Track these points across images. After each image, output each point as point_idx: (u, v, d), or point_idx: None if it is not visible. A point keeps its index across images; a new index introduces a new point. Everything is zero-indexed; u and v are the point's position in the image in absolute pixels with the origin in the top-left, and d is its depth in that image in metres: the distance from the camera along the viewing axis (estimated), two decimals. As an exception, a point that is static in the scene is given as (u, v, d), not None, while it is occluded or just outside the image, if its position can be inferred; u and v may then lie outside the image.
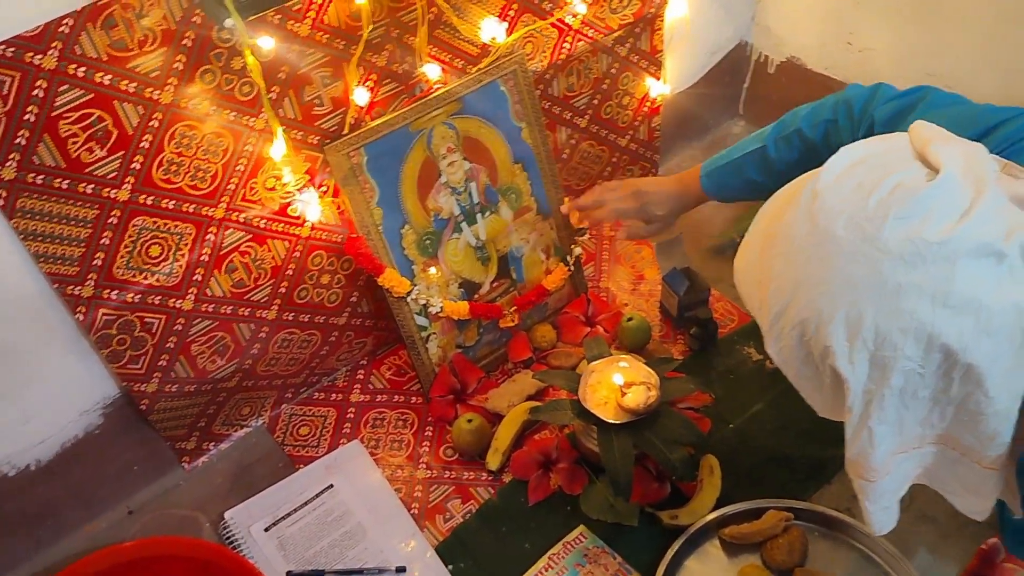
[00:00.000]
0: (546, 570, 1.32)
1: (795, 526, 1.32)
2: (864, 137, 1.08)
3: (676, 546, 1.30)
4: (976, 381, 0.74)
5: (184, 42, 1.12)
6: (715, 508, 1.35)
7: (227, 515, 1.41)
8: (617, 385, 1.35)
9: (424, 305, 1.49)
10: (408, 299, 1.47)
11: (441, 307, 1.51)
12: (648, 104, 1.80)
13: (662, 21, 1.68)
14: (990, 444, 0.79)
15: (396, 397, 1.61)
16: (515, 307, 1.61)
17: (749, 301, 0.88)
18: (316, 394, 1.61)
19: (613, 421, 1.32)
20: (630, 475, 1.29)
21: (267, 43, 1.16)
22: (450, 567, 1.34)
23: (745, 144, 1.32)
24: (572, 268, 1.66)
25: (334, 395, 1.61)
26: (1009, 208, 0.76)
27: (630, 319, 1.62)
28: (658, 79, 1.77)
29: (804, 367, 0.83)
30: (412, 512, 1.42)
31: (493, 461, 1.47)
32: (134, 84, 1.11)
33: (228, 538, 1.38)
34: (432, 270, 1.51)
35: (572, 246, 1.66)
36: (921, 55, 1.66)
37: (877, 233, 0.73)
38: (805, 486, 1.41)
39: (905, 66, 1.70)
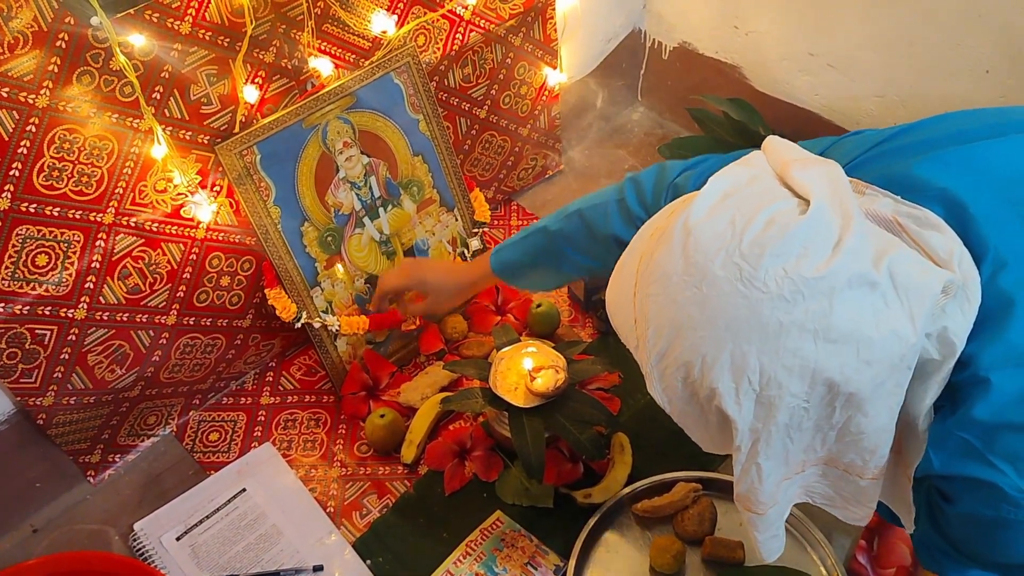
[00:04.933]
0: (464, 557, 1.33)
1: (704, 496, 1.35)
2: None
3: (591, 524, 1.33)
4: (857, 406, 0.75)
5: (58, 44, 1.09)
6: (627, 484, 1.38)
7: (136, 527, 1.38)
8: (526, 370, 1.37)
9: (326, 311, 1.49)
10: (297, 323, 1.46)
11: (339, 326, 1.50)
12: (547, 93, 1.82)
13: (554, 10, 1.70)
14: (871, 458, 0.80)
15: (307, 397, 1.59)
16: (416, 309, 1.61)
17: (626, 339, 0.85)
18: (225, 399, 1.58)
19: (523, 406, 1.33)
20: (542, 458, 1.31)
21: (138, 40, 1.14)
22: (368, 562, 1.34)
23: (532, 227, 1.28)
24: (471, 260, 1.67)
25: (243, 399, 1.59)
26: (872, 231, 0.76)
27: (539, 306, 1.64)
28: (555, 68, 1.79)
29: (688, 407, 0.81)
30: (328, 511, 1.41)
31: (408, 454, 1.47)
32: (6, 88, 1.08)
33: (138, 550, 1.35)
34: (337, 267, 1.50)
35: (469, 239, 1.66)
36: (804, 35, 1.72)
37: (754, 272, 0.72)
38: (712, 457, 1.44)
39: (789, 46, 1.76)
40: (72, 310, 1.28)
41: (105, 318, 1.32)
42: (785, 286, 0.71)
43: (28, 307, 1.23)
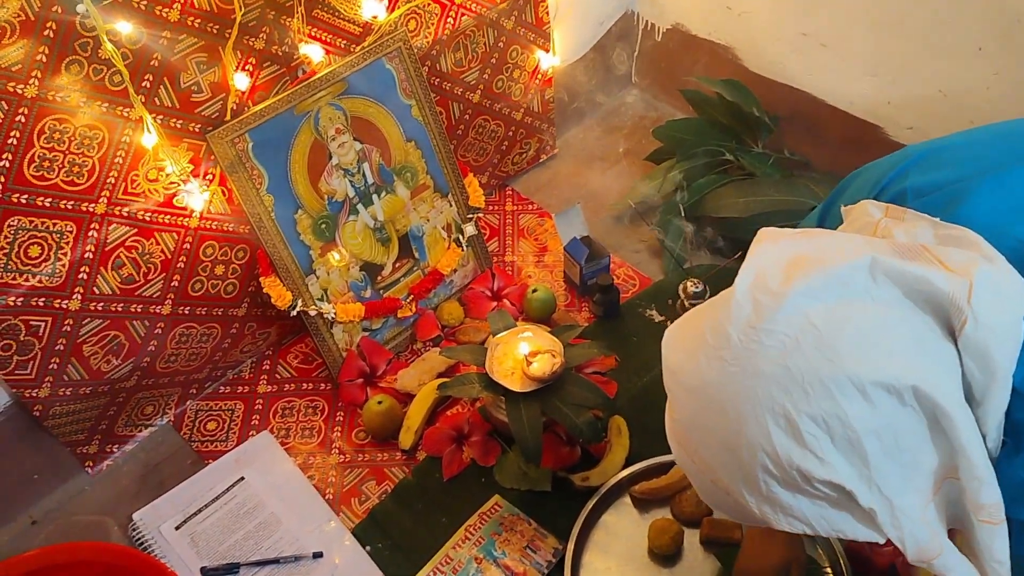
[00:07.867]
0: (463, 542, 1.33)
1: (701, 477, 1.36)
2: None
3: (589, 507, 1.33)
4: (932, 401, 0.70)
5: (46, 33, 1.09)
6: (625, 467, 1.39)
7: (135, 516, 1.38)
8: (523, 355, 1.37)
9: (322, 299, 1.49)
10: (293, 312, 1.46)
11: (334, 314, 1.50)
12: (540, 76, 1.81)
13: (545, -7, 1.69)
14: (979, 487, 0.72)
15: (304, 385, 1.59)
16: (411, 296, 1.61)
17: (723, 509, 0.84)
18: (222, 388, 1.58)
19: (520, 390, 1.33)
20: (539, 442, 1.31)
21: (125, 28, 1.13)
22: (368, 548, 1.35)
23: None
24: (465, 247, 1.67)
25: (240, 388, 1.59)
26: (848, 243, 0.77)
27: (535, 291, 1.64)
28: (548, 51, 1.78)
29: (810, 504, 0.75)
30: (327, 498, 1.42)
31: (406, 440, 1.47)
32: (-6, 79, 1.07)
33: (138, 540, 1.36)
34: (333, 255, 1.49)
35: (464, 224, 1.66)
36: (796, 15, 1.71)
37: (730, 349, 0.74)
38: (710, 438, 1.45)
39: (781, 26, 1.75)
40: (66, 301, 1.27)
41: (99, 308, 1.31)
42: (761, 336, 0.73)
43: (22, 299, 1.23)
